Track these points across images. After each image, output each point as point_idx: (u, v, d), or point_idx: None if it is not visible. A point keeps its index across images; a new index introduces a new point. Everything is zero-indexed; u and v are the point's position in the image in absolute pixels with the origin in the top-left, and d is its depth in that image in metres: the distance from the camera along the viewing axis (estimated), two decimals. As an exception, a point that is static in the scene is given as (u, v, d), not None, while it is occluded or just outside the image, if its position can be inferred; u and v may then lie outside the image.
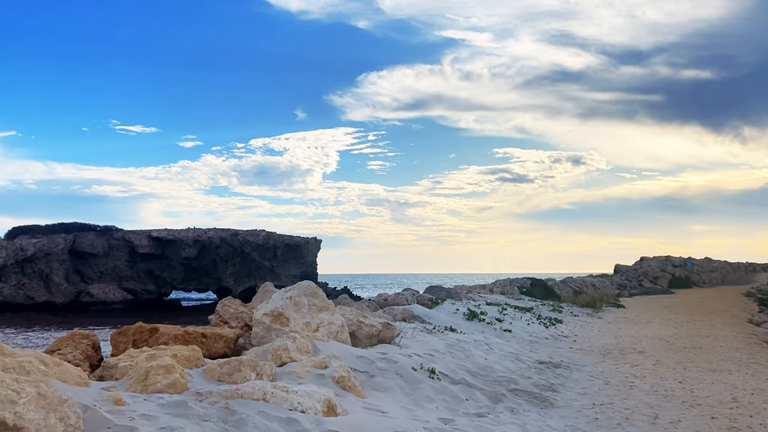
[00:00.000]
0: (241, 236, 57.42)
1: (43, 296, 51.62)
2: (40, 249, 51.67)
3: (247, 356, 6.32)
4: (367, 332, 9.35)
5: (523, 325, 17.02)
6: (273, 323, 7.92)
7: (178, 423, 4.13)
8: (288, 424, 4.64)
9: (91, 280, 55.47)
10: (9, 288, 50.49)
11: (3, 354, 4.19)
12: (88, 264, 55.52)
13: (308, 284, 8.66)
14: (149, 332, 6.94)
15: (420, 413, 6.43)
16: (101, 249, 55.09)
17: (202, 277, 59.16)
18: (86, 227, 55.92)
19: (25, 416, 3.32)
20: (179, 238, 56.24)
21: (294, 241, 59.52)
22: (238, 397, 4.85)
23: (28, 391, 3.46)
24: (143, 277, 57.81)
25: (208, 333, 7.20)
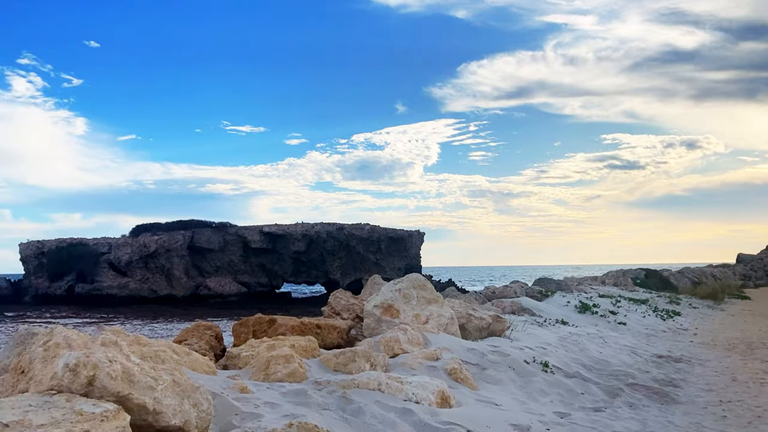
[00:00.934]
0: (347, 230, 58.59)
1: (165, 290, 54.91)
2: (162, 245, 54.97)
3: (361, 347, 6.45)
4: (476, 325, 9.30)
5: (639, 317, 16.36)
6: (383, 315, 8.04)
7: (300, 411, 4.28)
8: (404, 414, 4.71)
9: (208, 274, 58.45)
10: (135, 282, 54.08)
11: (140, 344, 4.50)
12: (205, 259, 58.50)
13: (417, 277, 8.72)
14: (267, 323, 7.23)
15: (534, 406, 6.34)
16: (217, 244, 57.87)
17: (311, 270, 60.90)
18: (203, 224, 58.92)
19: (163, 402, 3.55)
20: (288, 232, 58.15)
21: (398, 234, 60.04)
22: (355, 387, 4.97)
23: (165, 379, 3.70)
24: (256, 270, 60.24)
25: (322, 324, 7.42)
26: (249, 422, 3.98)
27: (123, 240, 55.86)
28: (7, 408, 3.05)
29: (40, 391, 3.32)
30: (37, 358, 3.53)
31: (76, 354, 3.40)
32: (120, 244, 55.25)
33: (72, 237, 57.22)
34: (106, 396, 3.32)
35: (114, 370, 3.38)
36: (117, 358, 3.51)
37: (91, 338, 3.81)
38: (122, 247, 54.86)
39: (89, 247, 55.35)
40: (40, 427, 2.84)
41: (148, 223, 58.74)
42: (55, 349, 3.52)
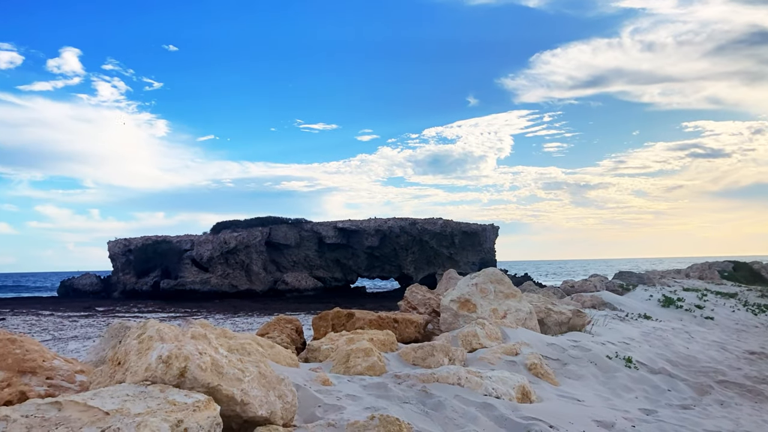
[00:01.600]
0: (420, 225, 58.59)
1: (245, 285, 56.47)
2: (241, 242, 56.54)
3: (439, 342, 6.45)
4: (556, 319, 9.13)
5: (727, 312, 15.64)
6: (460, 309, 8.01)
7: (381, 404, 4.32)
8: (484, 409, 4.68)
9: (285, 269, 59.73)
10: (216, 278, 55.86)
11: (226, 336, 4.65)
12: (282, 254, 59.81)
13: (494, 271, 8.64)
14: (346, 317, 7.33)
15: (618, 403, 6.17)
16: (293, 240, 59.06)
17: (384, 265, 61.26)
18: (279, 220, 60.23)
19: (250, 393, 3.65)
20: (362, 228, 58.68)
21: (471, 229, 59.59)
22: (434, 381, 4.98)
23: (251, 370, 3.81)
24: (331, 265, 61.12)
25: (399, 318, 7.46)
26: (332, 414, 4.05)
27: (204, 237, 57.78)
28: (107, 397, 3.22)
29: (136, 382, 3.48)
30: (132, 350, 3.70)
31: (169, 346, 3.54)
32: (201, 241, 57.18)
33: (156, 235, 59.67)
34: (196, 387, 3.45)
35: (204, 362, 3.51)
36: (206, 351, 3.64)
37: (182, 331, 3.96)
38: (204, 243, 56.76)
39: (173, 245, 57.55)
40: (137, 416, 2.98)
41: (227, 220, 60.62)
42: (148, 342, 3.68)
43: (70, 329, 22.84)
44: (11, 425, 2.92)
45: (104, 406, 3.09)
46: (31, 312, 34.86)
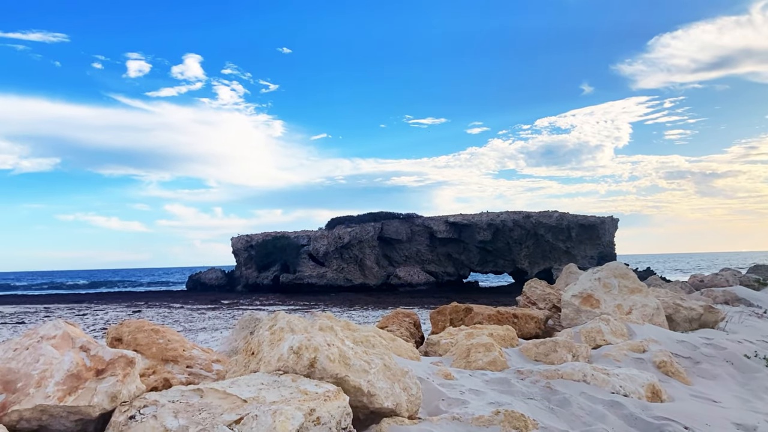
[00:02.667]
0: (534, 218, 57.34)
1: (359, 279, 57.59)
2: (354, 237, 57.69)
3: (561, 337, 6.30)
4: (685, 315, 8.66)
5: None
6: (582, 305, 7.77)
7: (504, 399, 4.28)
8: (612, 407, 4.52)
9: (397, 264, 60.36)
10: (331, 272, 57.34)
11: (350, 329, 4.76)
12: (394, 249, 60.47)
13: (617, 265, 8.31)
14: (464, 312, 7.32)
15: (760, 405, 5.76)
16: (405, 235, 59.55)
17: (498, 259, 60.48)
18: (391, 216, 60.92)
19: (376, 384, 3.73)
20: (473, 222, 58.23)
21: (589, 221, 57.60)
22: (558, 378, 4.87)
23: (376, 363, 3.88)
24: (443, 260, 61.11)
25: (518, 314, 7.35)
26: (455, 408, 4.05)
27: (320, 233, 59.47)
28: (244, 385, 3.39)
29: (269, 371, 3.64)
30: (265, 341, 3.88)
31: (299, 338, 3.68)
32: (317, 236, 58.87)
33: (275, 231, 62.05)
34: (325, 377, 3.56)
35: (332, 354, 3.62)
36: (334, 342, 3.75)
37: (310, 323, 4.10)
38: (319, 239, 58.41)
39: (291, 240, 59.64)
40: (272, 404, 3.12)
41: (341, 216, 62.06)
42: (280, 333, 3.84)
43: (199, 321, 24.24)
44: (160, 409, 3.14)
45: (242, 394, 3.25)
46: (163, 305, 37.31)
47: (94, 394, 3.20)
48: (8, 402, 3.11)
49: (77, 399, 3.16)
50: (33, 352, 3.33)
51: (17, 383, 3.20)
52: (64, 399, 3.14)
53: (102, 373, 3.29)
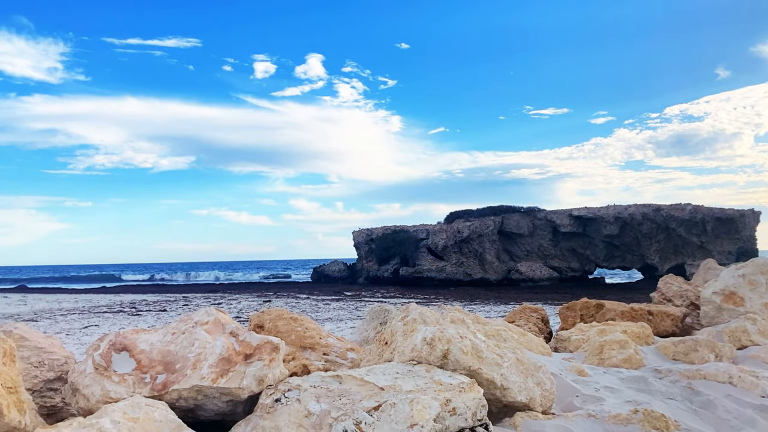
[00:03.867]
0: (664, 211, 54.35)
1: (479, 273, 57.17)
2: (474, 231, 57.30)
3: (702, 336, 5.98)
4: (843, 316, 7.92)
5: None
6: (724, 303, 7.31)
7: (642, 398, 4.13)
8: (763, 412, 4.24)
9: (518, 259, 59.33)
10: (450, 266, 57.31)
11: (480, 322, 4.77)
12: (515, 243, 59.46)
13: (765, 261, 7.73)
14: (595, 308, 7.11)
15: None
16: (526, 229, 58.40)
17: (625, 254, 57.94)
18: (511, 209, 59.92)
19: (509, 378, 3.72)
20: (599, 216, 56.09)
21: (726, 215, 53.79)
22: (701, 378, 4.63)
23: (509, 356, 3.87)
24: (566, 255, 59.37)
25: (654, 311, 7.03)
26: (591, 405, 3.97)
27: (439, 227, 59.55)
28: (380, 374, 3.50)
29: (403, 361, 3.73)
30: (398, 331, 3.98)
31: (432, 329, 3.74)
32: (436, 230, 59.00)
33: (395, 225, 62.84)
34: (458, 369, 3.60)
35: (465, 346, 3.65)
36: (466, 335, 3.78)
37: (442, 315, 4.15)
38: (438, 233, 58.51)
39: (410, 234, 60.17)
40: (409, 393, 3.20)
41: (460, 210, 61.84)
42: (412, 324, 3.92)
43: (324, 311, 25.06)
44: (303, 393, 3.31)
45: (378, 382, 3.36)
46: (290, 295, 38.89)
47: (243, 377, 3.42)
48: (168, 381, 3.39)
49: (228, 381, 3.39)
50: (189, 337, 3.60)
51: (176, 365, 3.49)
52: (217, 381, 3.38)
53: (250, 357, 3.51)
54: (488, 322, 4.81)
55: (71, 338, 16.53)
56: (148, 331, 3.70)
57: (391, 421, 2.99)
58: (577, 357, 5.35)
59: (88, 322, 21.62)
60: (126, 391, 3.33)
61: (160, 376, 3.42)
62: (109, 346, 3.51)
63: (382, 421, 3.00)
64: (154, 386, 3.35)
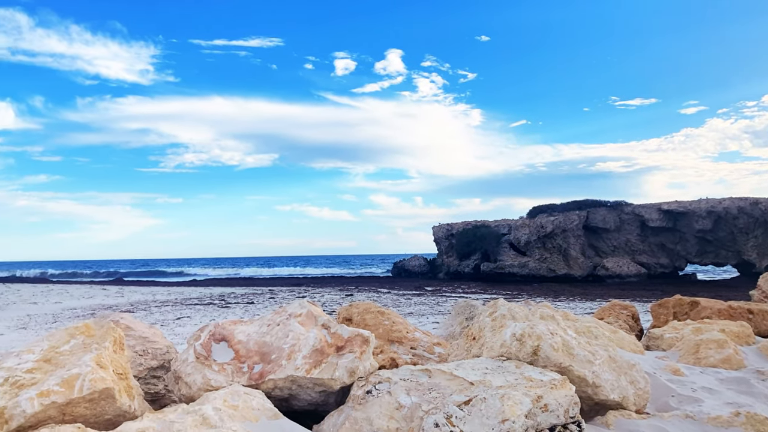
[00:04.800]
0: (763, 205, 51.39)
1: (563, 269, 55.91)
2: (558, 226, 56.07)
3: (808, 337, 5.66)
4: None
5: None
6: (832, 302, 6.88)
7: (743, 400, 3.96)
8: None
9: (604, 254, 57.63)
10: (533, 261, 56.32)
11: (568, 319, 4.69)
12: (601, 238, 57.79)
13: None
14: (689, 305, 6.83)
15: None
16: (612, 224, 56.64)
17: (719, 250, 55.25)
18: (597, 203, 58.26)
19: (601, 376, 3.65)
20: (690, 210, 53.72)
21: (832, 208, 50.34)
22: (808, 381, 4.39)
23: (601, 354, 3.80)
24: (655, 250, 57.21)
25: (754, 309, 6.69)
26: (688, 405, 3.84)
27: (521, 221, 58.62)
28: (469, 369, 3.51)
29: (492, 357, 3.73)
30: (486, 327, 3.97)
31: (521, 325, 3.72)
32: (519, 225, 58.10)
33: (476, 220, 62.33)
34: (549, 366, 3.56)
35: (555, 342, 3.61)
36: (556, 331, 3.73)
37: (531, 311, 4.11)
38: (521, 228, 57.59)
39: (491, 229, 59.53)
40: (499, 388, 3.19)
41: (543, 204, 60.62)
42: (501, 320, 3.91)
43: (406, 306, 25.19)
44: (393, 386, 3.36)
45: (468, 376, 3.37)
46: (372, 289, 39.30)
47: (336, 368, 3.51)
48: (265, 371, 3.52)
49: (321, 372, 3.49)
50: (283, 328, 3.73)
51: (271, 355, 3.62)
52: (311, 371, 3.48)
53: (341, 349, 3.60)
54: (578, 319, 4.72)
55: (165, 329, 17.33)
56: (244, 323, 3.85)
57: (482, 415, 3.00)
58: (671, 356, 5.18)
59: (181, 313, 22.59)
60: (225, 380, 3.48)
61: (256, 366, 3.56)
62: (209, 337, 3.68)
63: (472, 416, 3.02)
64: (251, 375, 3.49)
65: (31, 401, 2.88)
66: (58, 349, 3.25)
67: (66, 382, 2.98)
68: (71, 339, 3.33)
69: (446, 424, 3.01)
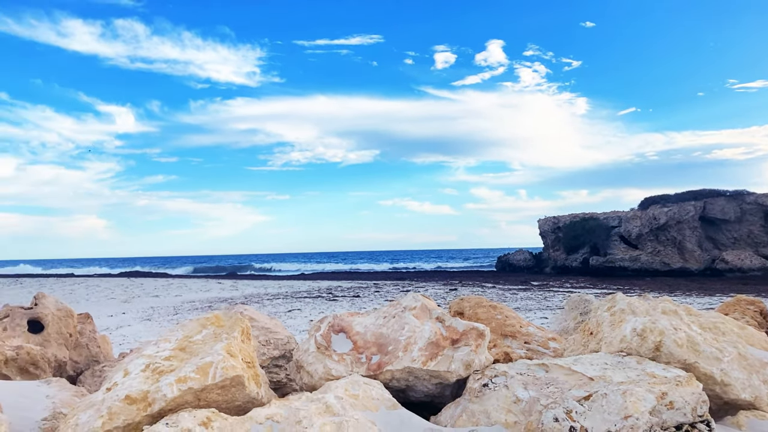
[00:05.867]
0: None
1: (678, 262, 53.24)
2: (671, 217, 53.44)
3: None
4: None
5: None
6: None
7: None
8: None
9: (724, 247, 54.36)
10: (646, 255, 53.99)
11: (691, 314, 4.50)
12: (720, 230, 54.55)
13: None
14: (826, 301, 6.36)
15: None
16: (733, 214, 53.33)
17: None
18: (714, 193, 55.05)
19: (730, 374, 3.49)
20: (823, 198, 49.70)
21: None
22: None
23: (729, 351, 3.63)
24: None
25: None
26: (829, 408, 3.59)
27: (632, 213, 56.30)
28: (587, 364, 3.45)
29: (611, 352, 3.64)
30: (605, 321, 3.88)
31: (642, 320, 3.61)
32: (629, 217, 55.84)
33: (583, 212, 60.47)
34: (672, 362, 3.44)
35: (679, 338, 3.48)
36: (680, 327, 3.60)
37: (652, 305, 3.98)
38: (631, 220, 55.33)
39: (600, 221, 57.54)
40: (620, 384, 3.12)
41: (656, 195, 57.93)
42: (620, 315, 3.81)
43: (512, 301, 24.85)
44: (510, 380, 3.36)
45: (587, 372, 3.32)
46: (476, 284, 39.05)
47: (451, 361, 3.55)
48: (382, 362, 3.62)
49: (437, 364, 3.54)
50: (399, 321, 3.81)
51: (388, 347, 3.71)
52: (427, 363, 3.54)
53: (456, 342, 3.63)
54: (702, 314, 4.51)
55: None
56: (361, 315, 3.96)
57: (603, 411, 2.95)
58: (808, 355, 4.84)
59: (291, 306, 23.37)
60: (345, 370, 3.60)
61: (374, 357, 3.66)
62: (329, 328, 3.82)
63: (593, 411, 2.97)
64: (369, 366, 3.59)
65: (170, 386, 3.11)
66: (191, 339, 3.49)
67: (200, 370, 3.19)
68: (203, 329, 3.55)
69: (566, 419, 2.98)
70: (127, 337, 14.34)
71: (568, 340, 4.31)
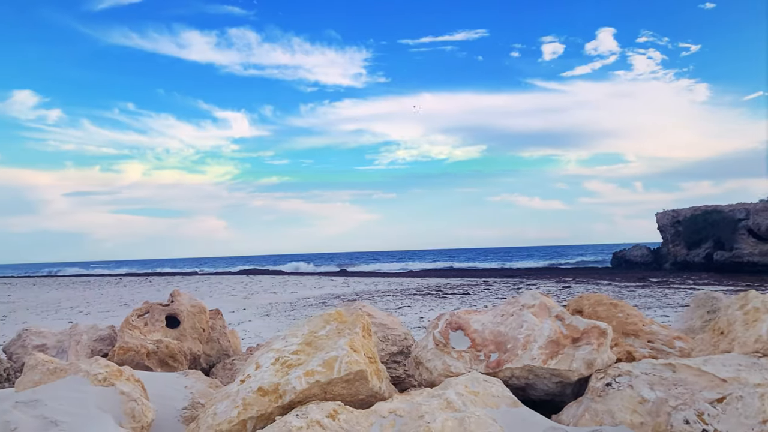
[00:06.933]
0: None
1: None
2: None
3: None
4: None
5: None
6: None
7: None
8: None
9: None
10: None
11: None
12: None
13: None
14: None
15: None
16: None
17: None
18: None
19: None
20: None
21: None
22: None
23: None
24: None
25: None
26: None
27: (762, 205, 52.49)
28: (719, 365, 3.30)
29: (745, 353, 3.46)
30: (737, 320, 3.69)
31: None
32: (759, 209, 52.10)
33: (705, 204, 57.04)
34: (815, 365, 3.23)
35: (823, 339, 3.26)
36: (824, 327, 3.37)
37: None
38: (761, 212, 51.61)
39: (724, 214, 54.10)
40: (757, 386, 2.97)
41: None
42: (754, 314, 3.61)
43: (629, 298, 23.89)
44: (634, 380, 3.28)
45: (718, 373, 3.18)
46: (590, 281, 37.81)
47: (573, 359, 3.50)
48: (501, 360, 3.63)
49: (558, 363, 3.51)
50: (517, 319, 3.80)
51: (506, 345, 3.71)
52: (547, 362, 3.52)
53: (577, 341, 3.58)
54: None
55: (389, 318, 18.26)
56: (478, 312, 3.99)
57: (738, 414, 2.82)
58: None
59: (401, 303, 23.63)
60: (463, 367, 3.64)
61: (492, 354, 3.67)
62: (446, 325, 3.87)
63: (727, 414, 2.85)
64: (488, 364, 3.61)
65: (299, 379, 3.27)
66: (316, 334, 3.64)
67: (326, 364, 3.33)
68: (326, 325, 3.70)
69: (697, 422, 2.87)
70: (248, 332, 15.03)
71: (695, 339, 4.13)
